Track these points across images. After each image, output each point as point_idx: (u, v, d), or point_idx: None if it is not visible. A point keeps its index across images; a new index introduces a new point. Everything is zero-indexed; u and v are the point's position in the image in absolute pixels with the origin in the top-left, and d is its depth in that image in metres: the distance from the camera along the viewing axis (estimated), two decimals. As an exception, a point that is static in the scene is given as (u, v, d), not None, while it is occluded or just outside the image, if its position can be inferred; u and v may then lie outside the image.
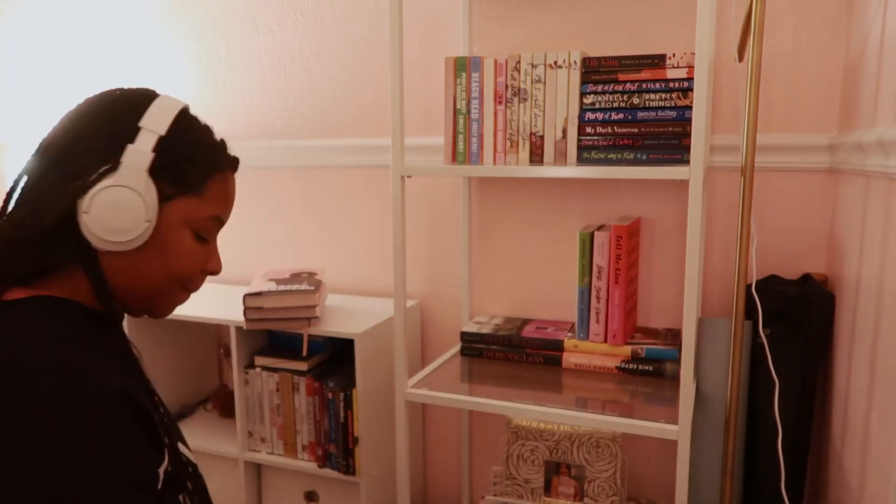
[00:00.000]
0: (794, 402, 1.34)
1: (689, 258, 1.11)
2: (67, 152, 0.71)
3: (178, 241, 0.74)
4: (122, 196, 0.68)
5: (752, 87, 1.22)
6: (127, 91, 0.76)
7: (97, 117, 0.73)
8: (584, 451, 1.46)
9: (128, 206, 0.69)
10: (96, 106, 0.74)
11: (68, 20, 2.16)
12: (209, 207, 0.77)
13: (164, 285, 0.76)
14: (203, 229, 0.77)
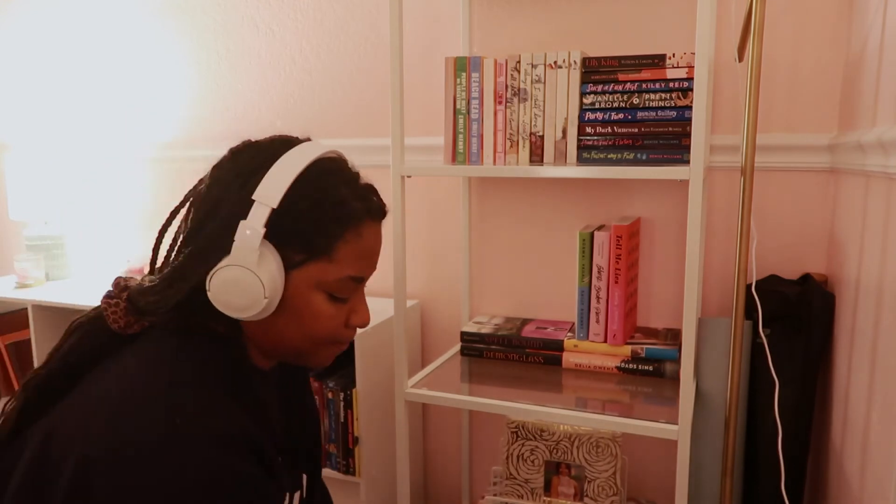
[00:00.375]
0: (794, 402, 1.34)
1: (689, 258, 1.11)
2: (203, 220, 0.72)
3: (310, 305, 0.74)
4: (236, 275, 0.69)
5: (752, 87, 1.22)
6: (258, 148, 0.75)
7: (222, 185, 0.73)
8: (584, 451, 1.46)
9: (244, 285, 0.69)
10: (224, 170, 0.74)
11: (69, 20, 2.16)
12: (341, 269, 0.74)
13: (305, 346, 0.76)
14: (337, 290, 0.75)
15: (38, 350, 1.90)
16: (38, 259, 2.03)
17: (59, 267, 2.11)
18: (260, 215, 0.69)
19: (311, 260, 0.72)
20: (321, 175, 0.74)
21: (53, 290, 1.96)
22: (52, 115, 2.25)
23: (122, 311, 0.72)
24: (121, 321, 0.73)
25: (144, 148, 2.11)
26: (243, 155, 0.74)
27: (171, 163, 2.09)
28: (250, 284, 0.69)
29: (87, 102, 2.18)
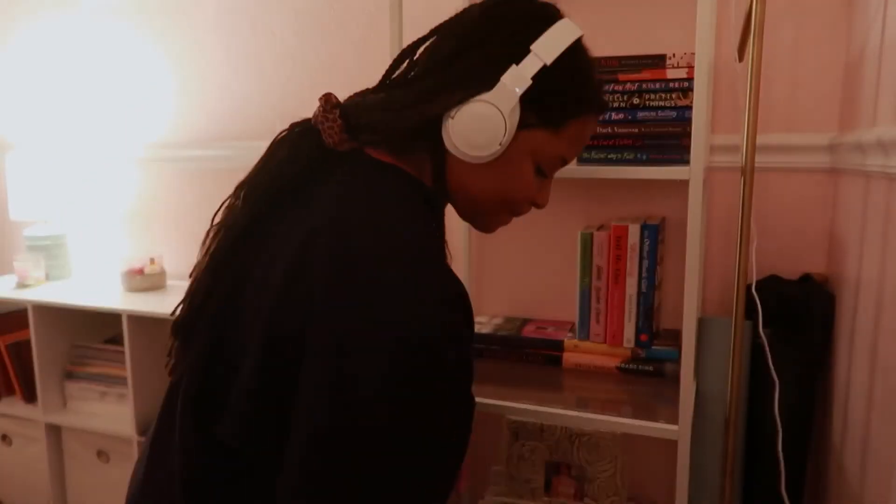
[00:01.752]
0: (794, 402, 1.34)
1: (689, 258, 1.11)
2: (461, 53, 0.73)
3: (519, 169, 0.76)
4: (487, 113, 0.70)
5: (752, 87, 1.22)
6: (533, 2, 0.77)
7: (497, 25, 0.73)
8: (584, 451, 1.46)
9: (489, 125, 0.70)
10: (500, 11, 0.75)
11: (69, 20, 2.16)
12: (560, 146, 0.77)
13: (492, 204, 0.80)
14: (546, 164, 0.78)
15: (38, 350, 1.90)
16: (38, 259, 2.03)
17: (59, 267, 2.11)
18: (532, 66, 0.71)
19: (542, 126, 0.75)
20: (585, 53, 0.78)
21: (53, 290, 1.96)
22: (53, 115, 2.25)
23: (338, 127, 0.73)
24: (335, 136, 0.73)
25: (144, 148, 2.11)
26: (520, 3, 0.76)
27: (172, 163, 2.09)
28: (495, 127, 0.70)
29: (87, 103, 2.18)
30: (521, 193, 0.79)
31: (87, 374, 1.96)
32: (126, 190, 2.18)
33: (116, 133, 2.16)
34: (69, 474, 2.01)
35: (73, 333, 2.00)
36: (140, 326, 1.81)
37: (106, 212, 2.22)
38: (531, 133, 0.74)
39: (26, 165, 2.03)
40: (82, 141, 2.21)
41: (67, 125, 2.23)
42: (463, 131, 0.71)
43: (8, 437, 2.07)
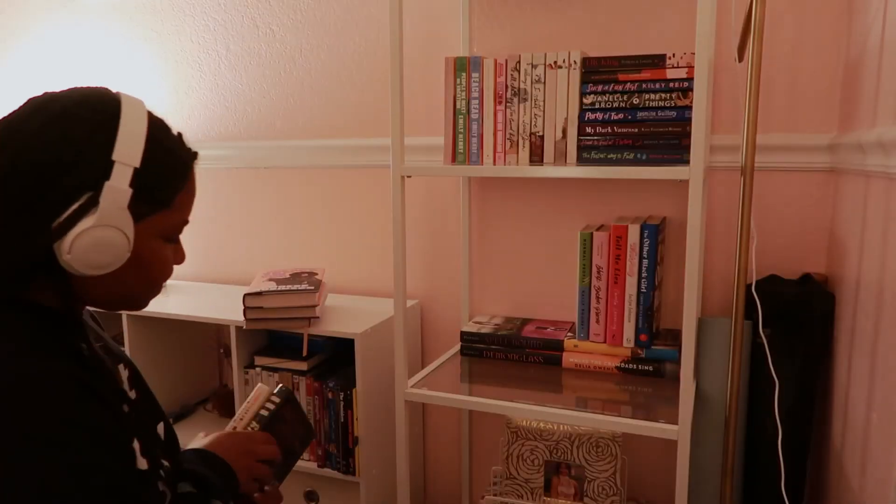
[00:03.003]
0: (794, 402, 1.34)
1: (689, 258, 1.11)
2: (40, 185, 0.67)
3: (153, 253, 0.75)
4: (104, 236, 0.68)
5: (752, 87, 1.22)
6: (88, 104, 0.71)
7: (66, 144, 0.68)
8: (584, 451, 1.46)
9: (111, 244, 0.69)
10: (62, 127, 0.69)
11: (70, 20, 2.16)
12: (178, 215, 0.77)
13: (140, 291, 0.78)
14: (173, 234, 0.78)
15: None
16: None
17: (59, 267, 2.11)
18: (124, 175, 0.68)
19: (156, 212, 0.74)
20: (160, 128, 0.76)
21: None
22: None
23: None
24: None
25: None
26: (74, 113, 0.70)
27: (171, 163, 2.09)
28: (118, 243, 0.69)
29: (87, 102, 2.18)
30: (167, 269, 0.79)
31: (87, 374, 1.95)
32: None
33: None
34: (69, 474, 2.01)
35: (73, 333, 2.00)
36: (140, 326, 1.81)
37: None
38: (149, 221, 0.73)
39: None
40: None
41: (67, 125, 2.23)
42: (85, 259, 0.68)
43: None
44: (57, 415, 0.64)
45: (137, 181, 0.70)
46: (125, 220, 0.69)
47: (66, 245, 0.67)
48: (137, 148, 0.70)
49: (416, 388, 1.36)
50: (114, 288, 0.75)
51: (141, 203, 0.71)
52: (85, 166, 0.68)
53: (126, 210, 0.69)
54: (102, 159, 0.68)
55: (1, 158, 0.68)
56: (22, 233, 0.68)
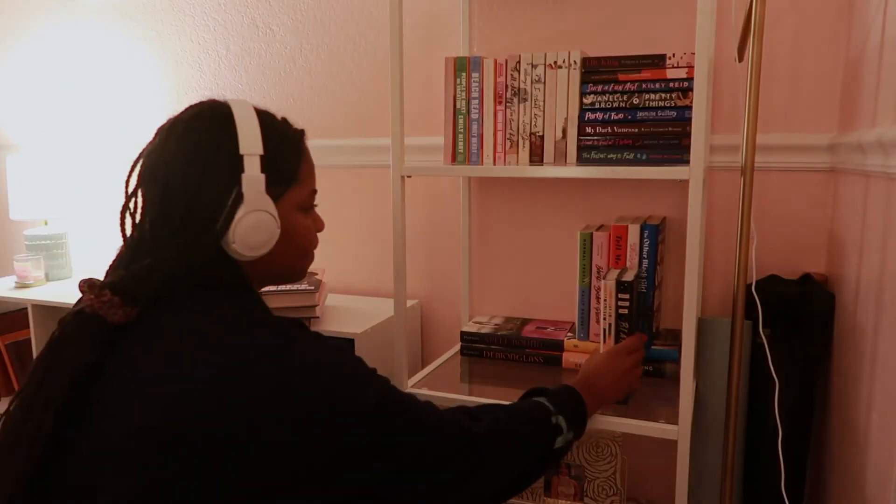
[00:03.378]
0: (794, 402, 1.34)
1: (688, 258, 1.11)
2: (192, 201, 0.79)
3: (296, 225, 0.88)
4: (256, 219, 0.80)
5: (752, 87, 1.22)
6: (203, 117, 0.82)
7: (198, 157, 0.80)
8: (584, 451, 1.46)
9: (263, 224, 0.81)
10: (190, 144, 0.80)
11: (70, 20, 2.16)
12: (307, 186, 0.90)
13: (298, 262, 0.91)
14: (308, 205, 0.90)
15: (38, 350, 1.90)
16: (38, 259, 2.03)
17: (59, 267, 2.11)
18: (254, 165, 0.80)
19: (288, 188, 0.86)
20: (267, 116, 0.86)
21: (53, 290, 1.96)
22: (54, 115, 2.25)
23: (118, 304, 0.73)
24: (120, 313, 0.73)
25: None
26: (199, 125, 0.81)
27: (171, 163, 2.09)
28: (267, 223, 0.81)
29: (88, 103, 2.18)
30: (312, 237, 0.92)
31: (87, 374, 1.95)
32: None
33: (117, 133, 2.16)
34: (69, 474, 2.01)
35: (73, 333, 2.00)
36: (140, 326, 1.81)
37: (106, 212, 2.22)
38: (286, 198, 0.85)
39: (26, 165, 2.03)
40: (83, 141, 2.21)
41: (68, 126, 2.23)
42: (248, 243, 0.80)
43: None
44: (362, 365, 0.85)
45: (265, 166, 0.81)
46: (267, 202, 0.81)
47: (230, 236, 0.78)
48: (257, 137, 0.81)
49: (416, 388, 1.36)
50: (276, 264, 0.87)
51: (274, 184, 0.82)
52: (223, 168, 0.79)
53: (265, 193, 0.81)
54: (233, 157, 0.79)
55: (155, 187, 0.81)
56: (192, 240, 0.78)
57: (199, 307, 0.75)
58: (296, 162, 0.87)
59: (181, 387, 0.66)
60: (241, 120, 0.81)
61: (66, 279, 2.12)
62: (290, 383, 0.69)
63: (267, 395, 0.67)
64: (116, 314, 0.73)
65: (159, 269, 0.77)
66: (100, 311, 0.73)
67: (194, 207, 0.79)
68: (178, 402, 0.65)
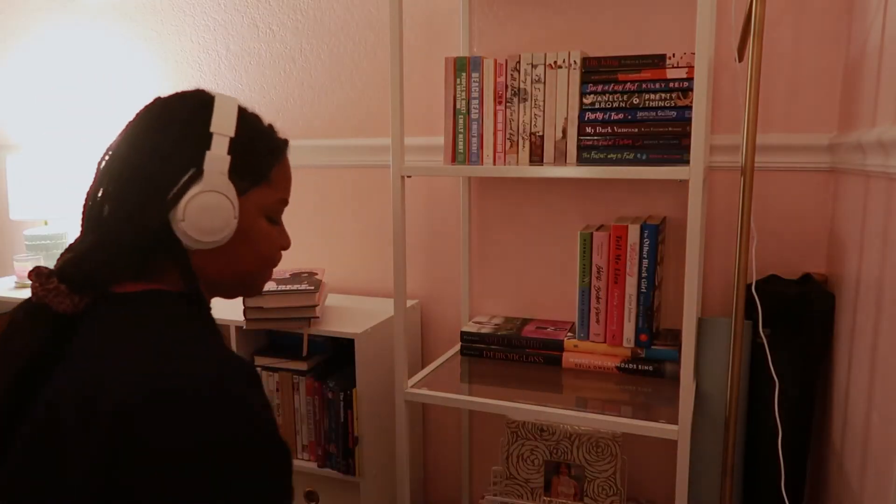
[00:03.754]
0: (794, 402, 1.34)
1: (689, 258, 1.11)
2: (150, 167, 0.75)
3: (258, 229, 0.82)
4: (211, 200, 0.75)
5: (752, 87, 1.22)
6: (185, 97, 0.80)
7: (168, 129, 0.77)
8: (584, 451, 1.46)
9: (218, 208, 0.75)
10: (163, 118, 0.78)
11: (69, 20, 2.16)
12: (277, 192, 0.84)
13: (253, 269, 0.84)
14: (274, 213, 0.85)
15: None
16: (38, 259, 2.03)
17: (59, 267, 2.11)
18: (222, 144, 0.76)
19: (255, 186, 0.81)
20: (249, 112, 0.84)
21: (53, 290, 1.95)
22: (54, 115, 2.25)
23: (64, 292, 0.71)
24: (66, 302, 0.71)
25: (144, 148, 2.11)
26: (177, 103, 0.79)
27: (171, 163, 2.09)
28: (224, 207, 0.76)
29: (88, 103, 2.18)
30: (270, 246, 0.85)
31: (87, 374, 1.95)
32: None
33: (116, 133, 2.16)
34: (69, 474, 2.01)
35: (73, 333, 2.00)
36: (140, 326, 1.80)
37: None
38: (251, 196, 0.80)
39: (27, 165, 2.03)
40: (83, 141, 2.21)
41: (68, 126, 2.23)
42: (198, 224, 0.74)
43: None
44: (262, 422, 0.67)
45: (234, 149, 0.77)
46: (227, 185, 0.76)
47: (180, 212, 0.73)
48: (231, 121, 0.78)
49: (416, 388, 1.36)
50: (227, 266, 0.81)
51: (240, 175, 0.78)
52: (189, 142, 0.76)
53: (226, 176, 0.76)
54: (202, 134, 0.76)
55: (118, 158, 0.77)
56: (139, 207, 0.74)
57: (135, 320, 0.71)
58: (269, 162, 0.83)
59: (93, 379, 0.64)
60: (220, 103, 0.79)
61: (66, 279, 2.12)
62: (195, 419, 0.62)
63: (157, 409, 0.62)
64: (63, 303, 0.71)
65: (102, 247, 0.73)
66: (45, 299, 0.71)
67: (149, 177, 0.74)
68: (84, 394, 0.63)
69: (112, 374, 0.64)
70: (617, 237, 1.39)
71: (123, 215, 0.74)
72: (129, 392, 0.62)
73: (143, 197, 0.74)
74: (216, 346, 0.70)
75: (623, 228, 1.39)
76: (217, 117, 0.77)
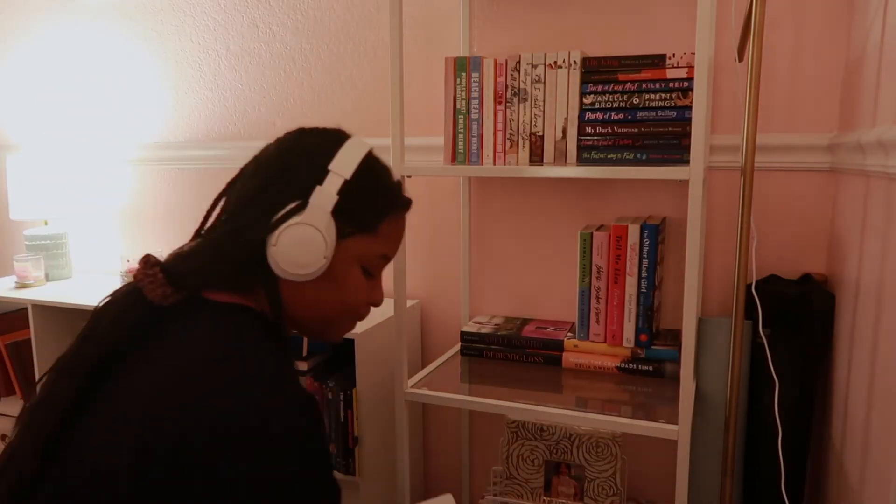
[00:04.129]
0: (794, 402, 1.34)
1: (689, 258, 1.11)
2: (267, 187, 0.78)
3: (348, 276, 0.82)
4: (306, 234, 0.76)
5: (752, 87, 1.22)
6: (322, 132, 0.83)
7: (294, 156, 0.80)
8: (584, 451, 1.46)
9: (310, 243, 0.76)
10: (294, 145, 0.82)
11: (69, 20, 2.16)
12: (380, 246, 0.84)
13: (334, 315, 0.83)
14: (372, 266, 0.84)
15: (38, 350, 1.90)
16: (38, 259, 2.03)
17: (59, 267, 2.11)
18: (334, 183, 0.78)
19: (359, 233, 0.81)
20: (378, 161, 0.85)
21: (53, 290, 1.96)
22: (54, 115, 2.25)
23: (160, 281, 0.74)
24: (157, 291, 0.74)
25: (145, 148, 2.12)
26: (310, 135, 0.83)
27: (172, 163, 2.09)
28: (316, 242, 0.76)
29: (88, 103, 2.18)
30: (357, 297, 0.84)
31: (87, 374, 1.95)
32: (126, 190, 2.18)
33: (117, 133, 2.16)
34: (69, 474, 2.01)
35: (73, 333, 2.00)
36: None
37: (106, 212, 2.22)
38: (351, 241, 0.80)
39: (26, 165, 2.03)
40: (83, 141, 2.21)
41: (68, 126, 2.23)
42: (287, 254, 0.76)
43: (8, 437, 2.07)
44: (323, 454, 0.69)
45: (345, 192, 0.78)
46: (327, 223, 0.77)
47: (274, 238, 0.76)
48: (352, 163, 0.80)
49: (416, 388, 1.36)
50: (310, 305, 0.81)
51: (346, 220, 0.79)
52: (305, 172, 0.79)
53: (329, 215, 0.77)
54: (320, 168, 0.78)
55: (250, 167, 0.82)
56: (247, 223, 0.77)
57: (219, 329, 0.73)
58: (381, 214, 0.83)
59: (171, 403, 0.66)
60: (349, 145, 0.81)
61: (66, 279, 2.12)
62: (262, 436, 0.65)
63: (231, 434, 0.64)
64: (154, 291, 0.74)
65: (205, 251, 0.77)
66: (140, 283, 0.75)
67: (263, 198, 0.78)
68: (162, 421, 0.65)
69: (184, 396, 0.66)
70: (617, 237, 1.39)
71: (231, 227, 0.78)
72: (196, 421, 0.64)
73: (253, 215, 0.77)
74: (289, 379, 0.71)
75: (623, 228, 1.39)
76: (340, 156, 0.79)
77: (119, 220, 2.20)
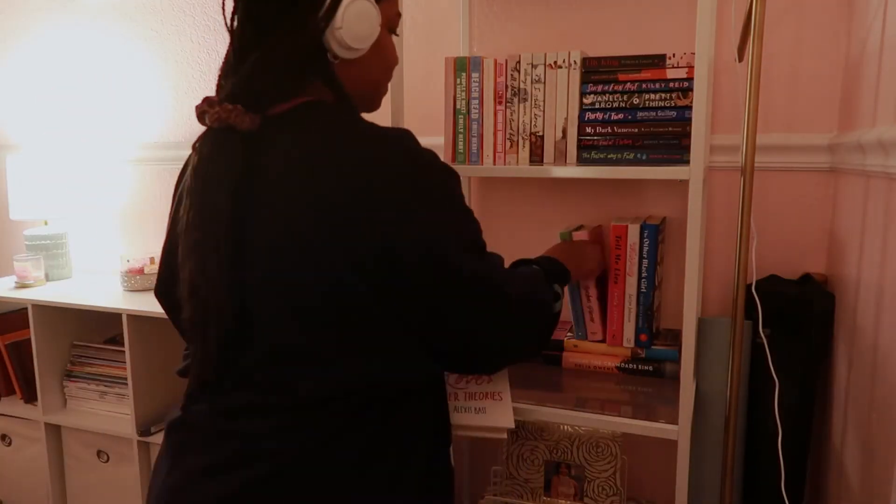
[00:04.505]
0: (794, 402, 1.34)
1: (689, 258, 1.11)
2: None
3: (385, 40, 0.89)
4: (363, 7, 0.81)
5: (752, 87, 1.22)
6: None
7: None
8: (584, 451, 1.46)
9: (368, 15, 0.82)
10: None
11: (69, 20, 2.16)
12: (395, 4, 0.91)
13: (381, 79, 0.92)
14: (395, 25, 0.92)
15: (38, 350, 1.90)
16: (38, 259, 2.03)
17: (59, 267, 2.11)
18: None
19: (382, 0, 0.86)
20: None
21: (53, 290, 1.96)
22: (54, 115, 2.25)
23: (241, 111, 0.76)
24: (246, 120, 0.76)
25: (145, 148, 2.11)
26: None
27: (173, 163, 2.09)
28: (372, 14, 0.82)
29: (88, 103, 2.18)
30: (394, 56, 0.92)
31: (87, 373, 1.96)
32: (126, 190, 2.18)
33: (117, 133, 2.16)
34: (69, 474, 2.01)
35: (73, 333, 2.00)
36: (140, 326, 1.81)
37: (106, 212, 2.22)
38: (382, 5, 0.86)
39: (26, 165, 2.03)
40: (83, 141, 2.21)
41: (68, 126, 2.23)
42: (353, 30, 0.80)
43: (8, 436, 2.07)
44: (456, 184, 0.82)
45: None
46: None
47: (338, 20, 0.79)
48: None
49: (416, 388, 1.35)
50: (360, 77, 0.87)
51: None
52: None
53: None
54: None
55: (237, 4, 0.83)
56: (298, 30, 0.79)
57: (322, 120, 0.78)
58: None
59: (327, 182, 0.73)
60: None
61: (66, 279, 2.12)
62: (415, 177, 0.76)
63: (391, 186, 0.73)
64: (244, 121, 0.76)
65: (265, 69, 0.78)
66: (227, 120, 0.76)
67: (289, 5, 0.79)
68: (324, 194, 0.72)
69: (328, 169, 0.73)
70: (617, 237, 1.39)
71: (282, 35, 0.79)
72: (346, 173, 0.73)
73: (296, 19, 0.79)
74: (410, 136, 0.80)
75: (623, 228, 1.39)
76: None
77: (119, 220, 2.20)
